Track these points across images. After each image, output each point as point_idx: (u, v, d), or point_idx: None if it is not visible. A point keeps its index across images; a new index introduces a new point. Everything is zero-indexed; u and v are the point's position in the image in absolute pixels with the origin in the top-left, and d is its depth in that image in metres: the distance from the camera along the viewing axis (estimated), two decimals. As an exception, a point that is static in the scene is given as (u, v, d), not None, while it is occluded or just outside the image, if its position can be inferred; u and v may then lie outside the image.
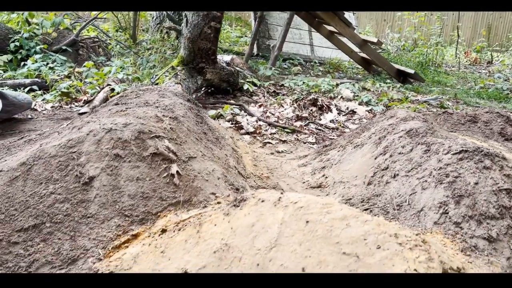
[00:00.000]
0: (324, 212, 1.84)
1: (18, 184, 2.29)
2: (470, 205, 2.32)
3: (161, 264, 1.90)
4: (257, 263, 1.78)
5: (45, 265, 2.05)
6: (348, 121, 5.38)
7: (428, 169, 2.60)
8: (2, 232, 2.12)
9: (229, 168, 3.04)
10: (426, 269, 1.49)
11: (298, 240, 1.79)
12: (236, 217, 2.02)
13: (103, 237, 2.16)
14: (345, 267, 1.61)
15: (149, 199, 2.32)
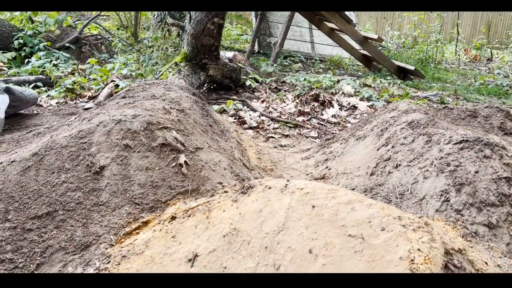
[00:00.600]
0: (329, 197, 1.90)
1: (31, 174, 2.35)
2: (470, 193, 2.38)
3: (172, 248, 1.96)
4: (265, 246, 1.85)
5: (59, 251, 2.12)
6: (350, 116, 5.44)
7: (429, 159, 2.66)
8: (17, 219, 2.19)
9: (235, 160, 3.10)
10: (429, 249, 1.55)
11: (304, 223, 1.86)
12: (244, 203, 2.08)
13: (115, 224, 2.22)
14: (351, 248, 1.67)
15: (158, 187, 2.39)
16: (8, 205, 2.23)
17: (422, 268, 1.47)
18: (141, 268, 1.90)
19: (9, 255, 2.08)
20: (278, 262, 1.77)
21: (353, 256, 1.65)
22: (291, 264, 1.74)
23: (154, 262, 1.91)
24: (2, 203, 2.24)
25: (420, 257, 1.52)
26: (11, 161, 2.45)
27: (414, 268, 1.48)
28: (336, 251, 1.70)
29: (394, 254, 1.57)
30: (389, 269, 1.53)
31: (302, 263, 1.72)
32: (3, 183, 2.31)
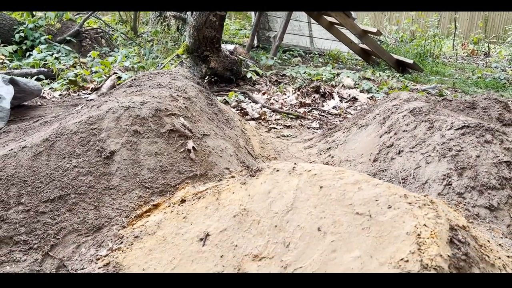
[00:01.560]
0: (336, 178, 1.96)
1: (42, 159, 2.39)
2: (472, 177, 2.44)
3: (183, 229, 2.01)
4: (275, 225, 1.90)
5: (72, 233, 2.17)
6: (350, 107, 5.50)
7: (431, 144, 2.72)
8: (30, 202, 2.24)
9: (240, 148, 3.15)
10: (435, 225, 1.61)
11: (313, 203, 1.91)
12: (253, 185, 2.14)
13: (126, 207, 2.27)
14: (358, 225, 1.73)
15: (167, 172, 2.44)
16: (20, 189, 2.28)
17: (429, 242, 1.53)
18: (154, 248, 1.95)
19: (23, 236, 2.13)
20: (287, 239, 1.83)
21: (361, 232, 1.71)
22: (300, 241, 1.80)
23: (166, 241, 1.97)
24: (15, 187, 2.28)
25: (426, 232, 1.57)
26: (22, 147, 2.49)
27: (421, 242, 1.53)
28: (344, 228, 1.76)
29: (401, 230, 1.63)
30: (396, 244, 1.59)
31: (311, 240, 1.78)
32: (15, 168, 2.36)
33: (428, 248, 1.51)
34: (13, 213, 2.19)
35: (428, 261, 1.46)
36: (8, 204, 2.23)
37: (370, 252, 1.62)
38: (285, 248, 1.80)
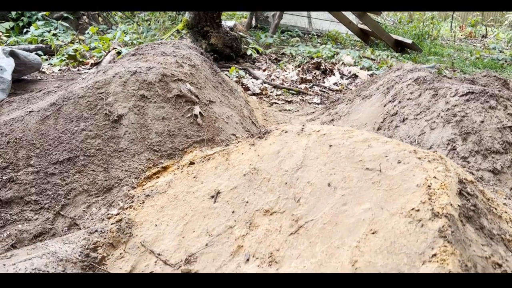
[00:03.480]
0: (346, 137, 1.98)
1: (50, 122, 2.39)
2: (476, 141, 2.47)
3: (194, 187, 2.04)
4: (285, 182, 1.93)
5: (82, 193, 2.19)
6: (351, 84, 5.50)
7: (436, 111, 2.74)
8: (39, 164, 2.24)
9: (244, 117, 3.16)
10: (445, 177, 1.64)
11: (322, 161, 1.94)
12: (261, 146, 2.16)
13: (135, 169, 2.29)
14: (369, 180, 1.76)
15: (175, 136, 2.45)
16: (29, 152, 2.28)
17: (439, 192, 1.56)
18: (165, 205, 1.97)
19: (34, 197, 2.14)
20: (298, 195, 1.86)
21: (371, 186, 1.74)
22: (310, 196, 1.83)
23: (177, 199, 1.99)
24: (24, 150, 2.29)
25: (436, 183, 1.60)
26: (29, 111, 2.49)
27: (431, 193, 1.56)
28: (354, 183, 1.78)
29: (411, 183, 1.66)
30: (406, 196, 1.62)
31: (321, 195, 1.81)
32: (23, 131, 2.36)
33: (438, 198, 1.55)
34: (23, 175, 2.20)
35: (439, 209, 1.50)
36: (17, 166, 2.23)
37: (381, 204, 1.66)
38: (296, 203, 1.83)
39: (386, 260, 1.47)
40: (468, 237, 1.51)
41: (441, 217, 1.48)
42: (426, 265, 1.38)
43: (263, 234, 1.78)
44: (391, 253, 1.48)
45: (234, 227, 1.84)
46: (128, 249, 1.80)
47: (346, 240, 1.61)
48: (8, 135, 2.35)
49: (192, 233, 1.85)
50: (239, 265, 1.70)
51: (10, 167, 2.23)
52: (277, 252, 1.70)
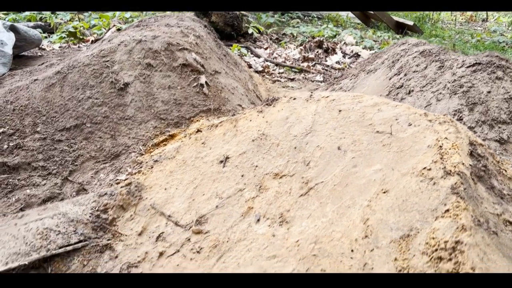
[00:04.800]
0: (355, 102, 1.97)
1: (56, 90, 2.37)
2: (483, 112, 2.47)
3: (203, 153, 2.03)
4: (294, 147, 1.93)
5: (90, 160, 2.18)
6: (353, 63, 5.47)
7: (442, 82, 2.73)
8: (46, 131, 2.23)
9: (249, 90, 3.15)
10: (456, 138, 1.64)
11: (332, 126, 1.93)
12: (270, 113, 2.15)
13: (142, 136, 2.28)
14: (379, 142, 1.76)
15: (181, 105, 2.43)
16: (35, 119, 2.27)
17: (451, 152, 1.56)
18: (174, 170, 1.97)
19: (41, 163, 2.14)
20: (307, 159, 1.86)
21: (382, 149, 1.74)
22: (320, 159, 1.83)
23: (186, 164, 1.99)
24: (30, 117, 2.27)
25: (447, 143, 1.61)
26: (34, 79, 2.46)
27: (443, 153, 1.57)
28: (364, 146, 1.78)
29: (422, 144, 1.66)
30: (417, 157, 1.62)
31: (331, 158, 1.81)
32: (28, 99, 2.34)
33: (450, 157, 1.55)
34: (30, 141, 2.19)
35: (451, 168, 1.50)
36: (23, 132, 2.22)
37: (392, 165, 1.66)
38: (305, 167, 1.83)
39: (398, 218, 1.48)
40: (480, 195, 1.52)
41: (453, 174, 1.48)
42: (439, 221, 1.39)
43: (273, 196, 1.78)
44: (403, 211, 1.49)
45: (244, 190, 1.84)
46: (138, 211, 1.80)
47: (357, 200, 1.62)
48: (14, 102, 2.33)
49: (202, 196, 1.85)
50: (250, 225, 1.70)
51: (16, 134, 2.21)
52: (288, 212, 1.70)
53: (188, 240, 1.67)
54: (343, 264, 1.45)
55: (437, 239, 1.33)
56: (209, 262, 1.60)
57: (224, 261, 1.60)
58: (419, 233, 1.40)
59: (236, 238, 1.67)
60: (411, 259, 1.35)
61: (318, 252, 1.51)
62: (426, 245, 1.35)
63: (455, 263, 1.25)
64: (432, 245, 1.33)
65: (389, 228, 1.47)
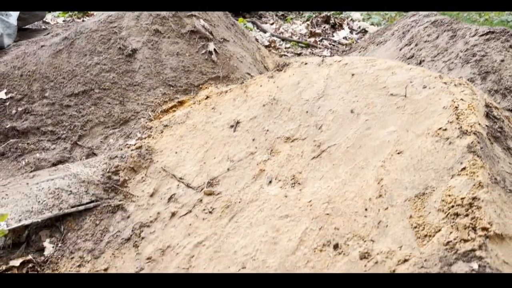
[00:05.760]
0: (368, 65, 1.94)
1: (63, 56, 2.34)
2: (496, 81, 2.43)
3: (213, 117, 2.01)
4: (306, 111, 1.90)
5: (99, 125, 2.17)
6: (361, 39, 5.39)
7: (454, 52, 2.68)
8: (54, 96, 2.21)
9: (257, 61, 3.11)
10: (472, 100, 1.61)
11: (344, 89, 1.90)
12: (280, 78, 2.12)
13: (151, 102, 2.26)
14: (393, 105, 1.73)
15: (190, 72, 2.40)
16: (43, 84, 2.25)
17: (467, 112, 1.54)
18: (184, 134, 1.96)
19: (50, 127, 2.12)
20: (319, 122, 1.83)
21: (396, 111, 1.71)
22: (333, 123, 1.81)
23: (196, 129, 1.97)
24: (38, 83, 2.25)
25: (463, 104, 1.58)
26: (41, 45, 2.43)
27: (459, 113, 1.54)
28: (378, 108, 1.76)
29: (437, 106, 1.64)
30: (432, 118, 1.60)
31: (344, 122, 1.79)
32: (36, 65, 2.31)
33: (466, 117, 1.52)
34: (38, 106, 2.17)
35: (467, 127, 1.48)
36: (32, 98, 2.21)
37: (406, 127, 1.64)
38: (318, 130, 1.81)
39: (412, 177, 1.47)
40: (496, 154, 1.50)
41: (470, 134, 1.46)
42: (455, 179, 1.37)
43: (285, 159, 1.77)
44: (418, 170, 1.48)
45: (255, 153, 1.83)
46: (149, 174, 1.79)
47: (370, 161, 1.60)
48: (21, 68, 2.31)
49: (213, 159, 1.84)
50: (262, 187, 1.70)
51: (24, 99, 2.20)
52: (300, 174, 1.69)
53: (200, 201, 1.67)
54: (356, 222, 1.44)
55: (454, 196, 1.32)
56: (221, 222, 1.60)
57: (237, 220, 1.59)
58: (435, 191, 1.39)
59: (248, 199, 1.66)
60: (427, 216, 1.34)
61: (331, 211, 1.50)
62: (442, 202, 1.33)
63: (472, 218, 1.23)
64: (448, 202, 1.32)
65: (404, 187, 1.45)
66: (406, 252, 1.28)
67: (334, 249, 1.39)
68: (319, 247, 1.42)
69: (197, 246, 1.52)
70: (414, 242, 1.30)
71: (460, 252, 1.19)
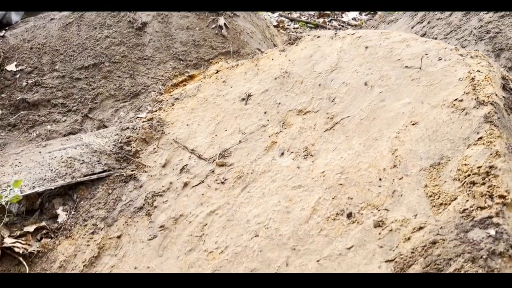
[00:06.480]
0: (383, 38, 1.91)
1: (73, 29, 2.33)
2: (510, 58, 2.39)
3: (224, 91, 2.00)
4: (319, 84, 1.88)
5: (109, 98, 2.16)
6: (370, 20, 5.32)
7: (468, 29, 2.63)
8: (64, 69, 2.20)
9: (266, 38, 3.07)
10: (488, 71, 1.59)
11: (358, 62, 1.88)
12: (292, 51, 2.09)
13: (161, 76, 2.24)
14: (407, 77, 1.71)
15: (200, 47, 2.38)
16: (53, 57, 2.24)
17: (484, 83, 1.52)
18: (195, 107, 1.95)
19: (61, 100, 2.12)
20: (332, 95, 1.82)
21: (410, 83, 1.69)
22: (346, 95, 1.79)
23: (207, 102, 1.96)
24: (48, 55, 2.24)
25: (480, 76, 1.56)
26: (51, 18, 2.42)
27: (475, 84, 1.52)
28: (392, 81, 1.74)
29: (453, 77, 1.61)
30: (448, 90, 1.58)
31: (357, 94, 1.77)
32: (46, 37, 2.30)
33: (483, 88, 1.50)
34: (49, 79, 2.17)
35: (484, 98, 1.46)
36: (42, 70, 2.20)
37: (421, 98, 1.62)
38: (331, 103, 1.80)
39: (427, 147, 1.45)
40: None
41: (487, 104, 1.44)
42: (471, 148, 1.36)
43: (297, 132, 1.76)
44: (433, 141, 1.46)
45: (267, 126, 1.82)
46: (161, 145, 1.79)
47: (385, 132, 1.59)
48: (31, 41, 2.30)
49: (224, 131, 1.83)
50: (274, 159, 1.69)
51: (35, 72, 2.19)
52: (312, 146, 1.68)
53: (212, 172, 1.67)
54: (370, 192, 1.43)
55: (470, 165, 1.31)
56: (233, 192, 1.60)
57: (249, 191, 1.59)
58: (450, 161, 1.38)
59: (261, 170, 1.65)
60: (442, 185, 1.33)
61: (344, 182, 1.50)
62: (458, 172, 1.32)
63: (489, 186, 1.22)
64: (464, 171, 1.31)
65: (419, 158, 1.44)
66: (421, 220, 1.27)
67: (348, 218, 1.39)
68: (332, 216, 1.42)
69: (209, 215, 1.53)
70: (429, 210, 1.29)
71: (476, 219, 1.18)
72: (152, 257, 1.45)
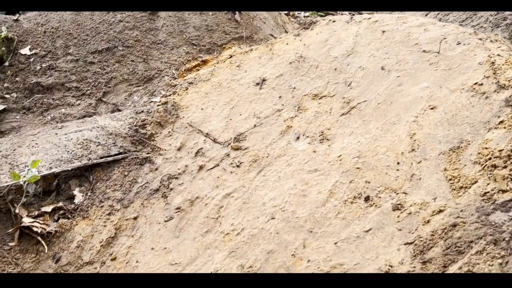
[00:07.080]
0: (400, 22, 1.88)
1: (86, 13, 2.32)
2: (527, 44, 2.35)
3: (238, 75, 1.99)
4: (334, 68, 1.87)
5: (123, 82, 2.16)
6: (381, 9, 5.27)
7: (484, 16, 2.59)
8: (78, 53, 2.20)
9: (278, 25, 3.05)
10: (509, 56, 1.56)
11: (375, 47, 1.86)
12: (307, 36, 2.07)
13: (174, 61, 2.23)
14: (425, 61, 1.69)
15: (213, 31, 2.37)
16: (67, 41, 2.23)
17: (504, 67, 1.49)
18: (210, 91, 1.94)
19: (74, 84, 2.12)
20: (349, 79, 1.80)
21: (428, 67, 1.67)
22: (363, 80, 1.77)
23: (221, 86, 1.95)
24: (61, 39, 2.24)
25: (501, 60, 1.53)
26: (63, 2, 2.40)
27: (496, 68, 1.50)
28: (410, 65, 1.72)
29: (472, 62, 1.59)
30: (467, 74, 1.56)
31: (374, 78, 1.75)
32: (59, 21, 2.29)
33: (504, 72, 1.48)
34: (62, 62, 2.17)
35: (505, 82, 1.44)
36: (56, 54, 2.20)
37: (439, 82, 1.60)
38: (347, 87, 1.78)
39: (447, 131, 1.44)
40: (535, 110, 1.46)
41: (508, 88, 1.42)
42: (492, 132, 1.34)
43: (313, 116, 1.74)
44: (452, 125, 1.44)
45: (282, 110, 1.81)
46: (176, 129, 1.79)
47: (402, 116, 1.57)
48: (44, 25, 2.29)
49: (239, 116, 1.82)
50: (289, 142, 1.68)
51: (48, 56, 2.19)
52: (328, 130, 1.67)
53: (227, 155, 1.66)
54: (388, 176, 1.43)
55: (491, 149, 1.29)
56: (249, 175, 1.59)
57: (265, 174, 1.59)
58: (470, 145, 1.36)
59: (276, 154, 1.65)
60: (462, 168, 1.32)
61: (362, 165, 1.49)
62: (479, 155, 1.31)
63: (511, 170, 1.21)
64: (485, 154, 1.29)
65: (438, 142, 1.43)
66: (441, 203, 1.26)
67: (365, 201, 1.38)
68: (349, 199, 1.41)
69: (225, 198, 1.53)
70: (449, 193, 1.28)
71: (498, 202, 1.17)
72: (169, 238, 1.45)
